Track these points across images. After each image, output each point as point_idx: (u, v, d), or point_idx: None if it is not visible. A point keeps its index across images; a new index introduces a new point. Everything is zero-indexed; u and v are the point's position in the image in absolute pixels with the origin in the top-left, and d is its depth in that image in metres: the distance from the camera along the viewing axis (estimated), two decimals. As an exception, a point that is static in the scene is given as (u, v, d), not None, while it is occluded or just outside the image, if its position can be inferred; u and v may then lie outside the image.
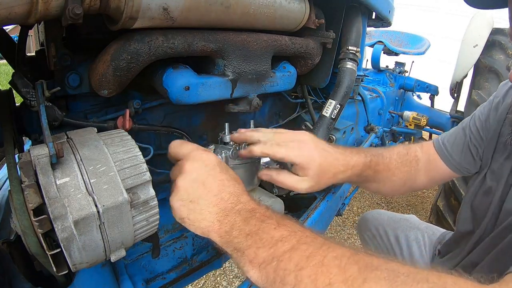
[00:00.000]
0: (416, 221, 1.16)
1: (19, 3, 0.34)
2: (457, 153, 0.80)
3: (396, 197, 3.04)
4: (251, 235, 0.44)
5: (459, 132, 0.81)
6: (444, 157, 0.81)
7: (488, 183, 0.73)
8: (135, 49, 0.48)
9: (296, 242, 0.41)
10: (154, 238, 0.53)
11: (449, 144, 0.81)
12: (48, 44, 0.48)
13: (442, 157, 0.81)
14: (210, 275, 1.89)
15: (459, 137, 0.81)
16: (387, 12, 0.97)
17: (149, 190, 0.46)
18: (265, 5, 0.60)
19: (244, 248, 0.44)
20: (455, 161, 0.80)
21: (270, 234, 0.43)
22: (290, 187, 0.63)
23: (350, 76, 0.83)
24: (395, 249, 1.12)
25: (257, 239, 0.43)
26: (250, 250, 0.43)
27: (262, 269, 0.41)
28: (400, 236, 1.11)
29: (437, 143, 0.84)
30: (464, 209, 0.80)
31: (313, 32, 0.77)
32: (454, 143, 0.80)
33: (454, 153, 0.80)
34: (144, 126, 0.59)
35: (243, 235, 0.45)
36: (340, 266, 0.37)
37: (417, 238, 1.07)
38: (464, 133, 0.80)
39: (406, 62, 2.75)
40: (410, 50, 2.62)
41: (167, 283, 0.78)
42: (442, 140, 0.83)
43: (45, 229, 0.35)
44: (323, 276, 0.37)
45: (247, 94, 0.65)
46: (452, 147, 0.80)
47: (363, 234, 1.27)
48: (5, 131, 0.46)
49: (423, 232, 1.09)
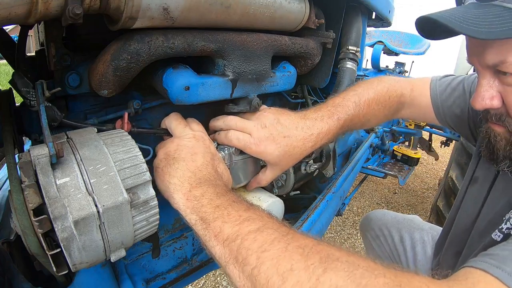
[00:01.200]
0: (420, 221, 1.16)
1: (19, 3, 0.34)
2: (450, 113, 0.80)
3: (396, 197, 3.04)
4: (219, 208, 0.44)
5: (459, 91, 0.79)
6: (437, 111, 0.82)
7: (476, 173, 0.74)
8: (135, 49, 0.48)
9: (263, 225, 0.42)
10: (154, 238, 0.53)
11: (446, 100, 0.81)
12: (48, 44, 0.48)
13: (435, 110, 0.82)
14: (210, 275, 1.89)
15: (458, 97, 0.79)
16: (387, 12, 0.97)
17: (149, 190, 0.46)
18: (265, 5, 0.60)
19: (211, 220, 0.44)
20: (445, 118, 0.81)
21: (238, 212, 0.44)
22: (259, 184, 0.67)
23: (350, 75, 0.83)
24: (398, 249, 1.12)
25: (225, 213, 0.44)
26: (216, 223, 0.43)
27: (226, 246, 0.41)
28: (405, 236, 1.11)
29: (434, 92, 0.82)
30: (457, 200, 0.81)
31: (313, 32, 0.77)
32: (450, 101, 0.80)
33: (447, 112, 0.80)
34: (143, 130, 0.59)
35: (212, 206, 0.45)
36: (303, 254, 0.38)
37: (422, 239, 1.07)
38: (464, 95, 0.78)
39: (406, 62, 2.75)
40: (410, 50, 2.62)
41: (167, 283, 0.78)
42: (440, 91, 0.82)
43: (45, 229, 0.35)
44: (285, 261, 0.37)
45: (247, 94, 0.65)
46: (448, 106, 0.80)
47: (366, 233, 1.27)
48: (5, 131, 0.46)
49: (428, 232, 1.08)
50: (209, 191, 0.48)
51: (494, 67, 0.52)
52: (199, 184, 0.49)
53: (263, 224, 0.42)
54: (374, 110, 0.75)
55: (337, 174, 1.08)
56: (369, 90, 0.76)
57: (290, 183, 0.84)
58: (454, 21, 0.47)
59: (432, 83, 0.83)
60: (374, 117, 0.77)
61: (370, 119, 0.76)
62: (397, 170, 2.33)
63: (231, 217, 0.43)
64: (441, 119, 0.82)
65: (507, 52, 0.48)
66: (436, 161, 3.66)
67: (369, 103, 0.74)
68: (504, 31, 0.44)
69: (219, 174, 0.55)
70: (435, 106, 0.81)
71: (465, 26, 0.46)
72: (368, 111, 0.74)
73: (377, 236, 1.20)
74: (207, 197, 0.47)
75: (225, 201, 0.46)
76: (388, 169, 2.31)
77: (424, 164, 3.82)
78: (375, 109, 0.76)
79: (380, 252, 1.20)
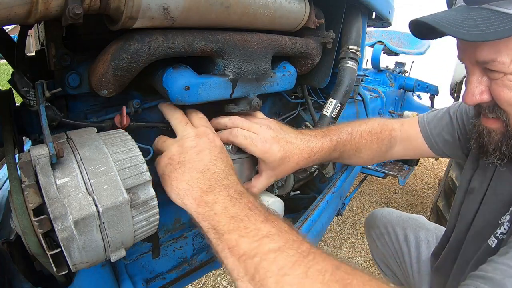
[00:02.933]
0: (425, 221, 1.16)
1: (19, 3, 0.34)
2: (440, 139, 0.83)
3: (396, 197, 3.04)
4: (235, 220, 0.42)
5: (445, 120, 0.84)
6: (428, 139, 0.84)
7: (472, 184, 0.75)
8: (135, 49, 0.48)
9: (283, 244, 0.40)
10: (154, 238, 0.53)
11: (434, 128, 0.84)
12: (48, 44, 0.48)
13: (426, 139, 0.85)
14: (210, 275, 1.89)
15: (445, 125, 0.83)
16: (387, 12, 0.97)
17: (149, 190, 0.46)
18: (265, 5, 0.60)
19: (225, 231, 0.42)
20: (437, 145, 0.84)
21: (256, 225, 0.42)
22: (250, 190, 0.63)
23: (350, 75, 0.83)
24: (403, 248, 1.11)
25: (241, 226, 0.42)
26: (231, 235, 0.42)
27: (242, 262, 0.40)
28: (410, 235, 1.10)
29: (422, 124, 0.86)
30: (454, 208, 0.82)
31: (313, 32, 0.77)
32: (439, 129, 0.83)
33: (438, 139, 0.83)
34: (142, 123, 0.59)
35: (226, 216, 0.43)
36: (323, 282, 0.37)
37: (426, 238, 1.07)
38: (451, 122, 0.82)
39: (406, 62, 2.75)
40: (410, 50, 2.62)
41: (167, 283, 0.78)
42: (427, 121, 0.86)
43: (45, 229, 0.35)
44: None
45: (247, 94, 0.65)
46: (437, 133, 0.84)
47: (370, 231, 1.27)
48: (5, 131, 0.46)
49: (433, 232, 1.08)
50: (222, 196, 0.45)
51: (483, 65, 0.55)
52: (210, 188, 0.46)
53: (283, 243, 0.40)
54: (367, 141, 0.79)
55: (337, 174, 1.08)
56: (361, 124, 0.81)
57: (290, 183, 0.84)
58: (445, 24, 0.50)
59: (420, 118, 0.88)
60: (367, 148, 0.80)
61: (362, 149, 0.79)
62: (397, 170, 2.33)
63: (248, 231, 0.41)
64: (435, 149, 0.85)
65: (496, 52, 0.51)
66: (436, 161, 3.66)
67: (361, 134, 0.79)
68: (493, 33, 0.46)
69: (230, 167, 0.52)
70: (425, 136, 0.85)
71: (455, 29, 0.49)
72: (361, 140, 0.78)
73: (381, 234, 1.20)
74: (220, 204, 0.44)
75: (240, 209, 0.44)
76: (388, 169, 2.32)
77: (424, 164, 3.82)
78: (368, 140, 0.79)
79: (384, 251, 1.19)
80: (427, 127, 0.85)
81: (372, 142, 0.80)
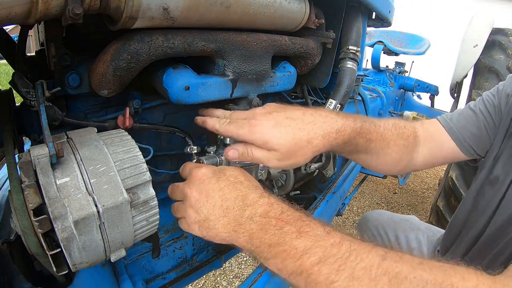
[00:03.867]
0: (416, 221, 1.16)
1: (19, 3, 0.34)
2: (467, 133, 0.74)
3: (396, 197, 3.04)
4: (273, 246, 0.43)
5: (468, 113, 0.76)
6: (453, 134, 0.75)
7: (495, 173, 0.71)
8: (135, 49, 0.48)
9: (322, 254, 0.40)
10: (154, 238, 0.53)
11: (458, 122, 0.75)
12: (48, 44, 0.48)
13: (451, 134, 0.75)
14: (210, 275, 1.89)
15: (469, 118, 0.75)
16: (387, 12, 0.97)
17: (149, 190, 0.46)
18: (265, 5, 0.60)
19: (269, 257, 0.44)
20: (464, 140, 0.74)
21: (292, 244, 0.42)
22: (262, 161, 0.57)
23: (350, 75, 0.83)
24: (394, 249, 1.11)
25: (280, 250, 0.43)
26: (276, 260, 0.43)
27: (292, 279, 0.42)
28: (400, 236, 1.11)
29: (444, 120, 0.77)
30: (467, 199, 0.79)
31: (313, 32, 0.77)
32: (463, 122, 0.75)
33: (464, 132, 0.74)
34: (146, 125, 0.59)
35: (265, 246, 0.44)
36: (371, 277, 0.38)
37: (417, 239, 1.08)
38: (475, 114, 0.74)
39: (406, 62, 2.76)
40: (410, 50, 2.62)
41: (167, 283, 0.78)
42: (449, 118, 0.77)
43: (45, 229, 0.35)
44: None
45: (247, 94, 0.65)
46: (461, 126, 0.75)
47: (363, 234, 1.28)
48: (5, 131, 0.46)
49: (423, 232, 1.09)
50: (253, 228, 0.45)
51: None
52: (239, 226, 0.46)
53: (322, 253, 0.40)
54: (393, 134, 0.69)
55: (337, 174, 1.08)
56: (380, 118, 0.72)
57: (290, 183, 0.84)
58: None
59: (439, 117, 0.79)
60: (393, 143, 0.69)
61: (390, 142, 0.68)
62: (397, 170, 2.33)
63: (288, 253, 0.42)
64: (463, 146, 0.75)
65: None
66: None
67: (385, 125, 0.69)
68: None
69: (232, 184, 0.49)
70: (451, 132, 0.75)
71: None
72: (386, 132, 0.68)
73: (373, 237, 1.20)
74: (256, 237, 0.44)
75: (273, 235, 0.43)
76: (388, 169, 2.31)
77: (424, 164, 3.82)
78: (394, 133, 0.69)
79: None
80: (450, 123, 0.76)
81: (398, 136, 0.70)
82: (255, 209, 0.46)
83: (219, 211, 0.47)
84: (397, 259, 0.39)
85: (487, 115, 0.73)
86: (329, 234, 0.43)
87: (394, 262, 0.39)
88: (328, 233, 0.43)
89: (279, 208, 0.46)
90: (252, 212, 0.46)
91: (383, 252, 0.40)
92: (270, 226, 0.44)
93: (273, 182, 0.87)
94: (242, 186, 0.49)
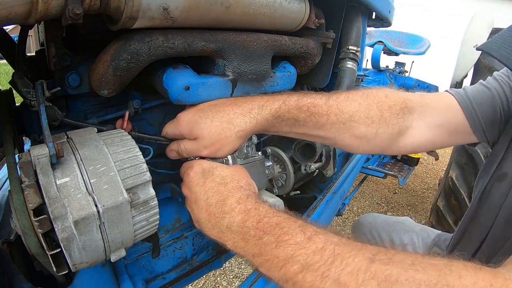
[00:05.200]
0: (411, 223, 1.16)
1: (19, 3, 0.34)
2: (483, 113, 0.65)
3: (396, 197, 3.04)
4: (256, 256, 0.44)
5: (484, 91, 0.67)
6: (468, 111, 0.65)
7: (504, 169, 0.68)
8: (135, 49, 0.48)
9: (304, 262, 0.40)
10: (154, 238, 0.53)
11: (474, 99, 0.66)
12: (48, 44, 0.48)
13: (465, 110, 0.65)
14: (210, 275, 1.89)
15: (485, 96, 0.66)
16: (387, 12, 0.97)
17: (149, 190, 0.46)
18: (265, 5, 0.60)
19: (256, 265, 0.45)
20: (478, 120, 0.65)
21: (273, 254, 0.42)
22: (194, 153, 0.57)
23: (350, 75, 0.83)
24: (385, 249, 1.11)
25: (263, 260, 0.43)
26: (262, 268, 0.44)
27: (281, 285, 0.42)
28: (395, 239, 1.11)
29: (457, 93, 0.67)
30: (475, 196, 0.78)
31: (313, 32, 0.77)
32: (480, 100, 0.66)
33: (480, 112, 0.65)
34: (144, 135, 0.58)
35: (249, 255, 0.45)
36: (357, 283, 0.36)
37: (411, 241, 1.08)
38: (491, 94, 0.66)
39: (406, 62, 2.76)
40: (410, 50, 2.62)
41: (167, 283, 0.78)
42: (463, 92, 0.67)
43: (45, 229, 0.35)
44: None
45: (247, 94, 0.65)
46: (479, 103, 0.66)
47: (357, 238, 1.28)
48: (5, 131, 0.46)
49: (418, 234, 1.09)
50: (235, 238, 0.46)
51: None
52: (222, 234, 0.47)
53: (304, 260, 0.40)
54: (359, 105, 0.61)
55: (337, 174, 1.08)
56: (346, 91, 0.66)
57: (290, 183, 0.84)
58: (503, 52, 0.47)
59: (450, 90, 0.70)
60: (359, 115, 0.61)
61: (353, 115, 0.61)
62: (397, 170, 2.34)
63: (271, 263, 0.42)
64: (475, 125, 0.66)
65: None
66: (436, 161, 3.66)
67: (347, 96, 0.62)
68: None
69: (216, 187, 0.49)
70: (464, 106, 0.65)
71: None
72: (346, 103, 0.61)
73: (368, 241, 1.20)
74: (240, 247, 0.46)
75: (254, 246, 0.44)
76: (388, 169, 2.32)
77: (424, 164, 3.82)
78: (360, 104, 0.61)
79: None
80: (464, 96, 0.66)
81: (368, 107, 0.61)
82: (233, 217, 0.46)
83: (205, 215, 0.49)
84: (386, 261, 0.37)
85: (503, 96, 0.66)
86: (311, 240, 0.41)
87: (384, 264, 0.37)
88: (310, 239, 0.41)
89: (256, 216, 0.45)
90: (230, 221, 0.46)
91: (371, 255, 0.38)
92: (249, 236, 0.44)
93: (273, 182, 0.87)
94: (225, 188, 0.49)
